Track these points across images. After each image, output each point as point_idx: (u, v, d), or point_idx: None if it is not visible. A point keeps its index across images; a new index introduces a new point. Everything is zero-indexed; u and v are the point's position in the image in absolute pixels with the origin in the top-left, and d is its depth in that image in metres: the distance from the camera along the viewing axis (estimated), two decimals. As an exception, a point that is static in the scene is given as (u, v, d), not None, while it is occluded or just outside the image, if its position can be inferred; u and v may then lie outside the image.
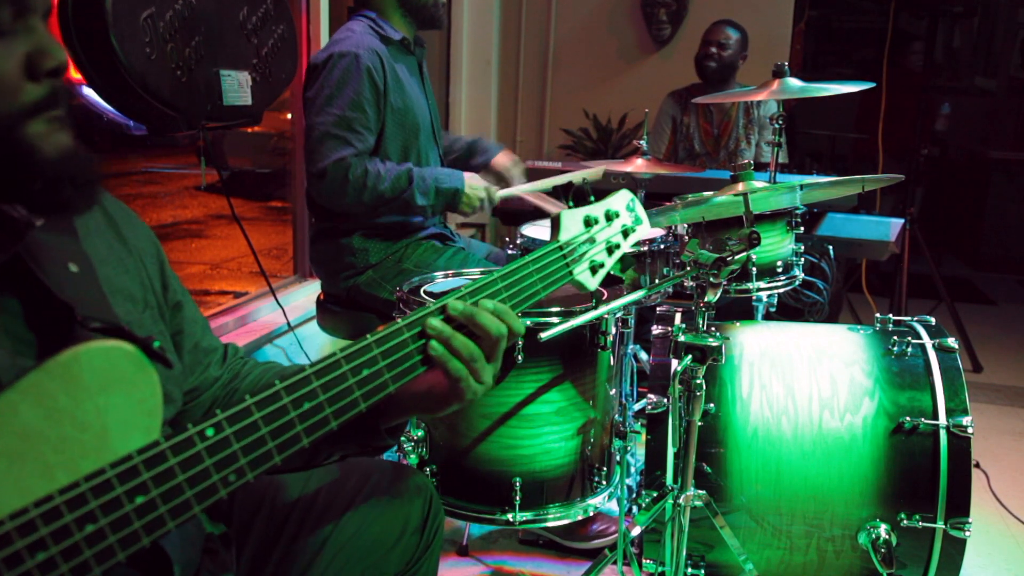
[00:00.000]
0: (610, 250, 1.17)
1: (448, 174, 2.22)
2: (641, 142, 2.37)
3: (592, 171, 2.39)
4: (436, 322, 0.93)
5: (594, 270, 1.15)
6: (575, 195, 1.16)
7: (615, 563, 1.74)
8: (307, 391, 0.83)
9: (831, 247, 2.87)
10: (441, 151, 2.47)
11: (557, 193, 1.24)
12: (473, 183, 2.24)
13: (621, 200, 1.20)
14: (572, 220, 1.13)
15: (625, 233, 1.20)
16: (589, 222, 1.15)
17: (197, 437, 0.74)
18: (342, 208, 2.16)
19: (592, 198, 1.17)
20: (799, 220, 2.10)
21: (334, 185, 2.08)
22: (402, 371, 0.91)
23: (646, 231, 1.24)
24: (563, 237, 1.12)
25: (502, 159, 2.52)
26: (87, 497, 0.68)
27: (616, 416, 1.76)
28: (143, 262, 1.00)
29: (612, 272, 1.23)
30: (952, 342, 1.71)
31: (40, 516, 0.65)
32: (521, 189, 2.38)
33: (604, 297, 1.68)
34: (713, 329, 1.46)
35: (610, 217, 1.18)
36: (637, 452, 2.10)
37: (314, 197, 2.16)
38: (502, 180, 2.51)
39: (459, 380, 0.94)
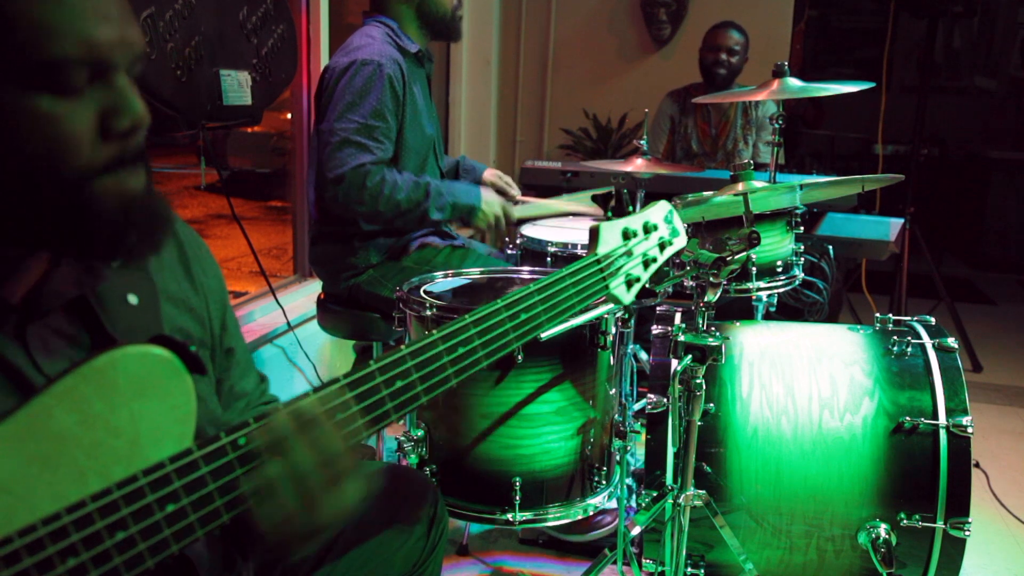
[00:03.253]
0: (646, 263, 1.15)
1: (465, 191, 2.22)
2: (641, 142, 2.38)
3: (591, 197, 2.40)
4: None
5: (629, 284, 1.13)
6: (615, 206, 1.14)
7: (615, 563, 1.74)
8: (340, 402, 0.82)
9: (831, 247, 2.87)
10: (443, 166, 2.47)
11: (598, 202, 1.21)
12: (489, 199, 2.25)
13: (660, 212, 1.18)
14: (611, 232, 1.11)
15: (662, 246, 1.17)
16: (627, 235, 1.12)
17: (229, 447, 0.74)
18: (355, 215, 2.13)
19: (631, 208, 1.15)
20: (799, 220, 2.10)
21: (351, 191, 2.05)
22: (437, 382, 0.91)
23: (683, 243, 1.21)
24: (602, 250, 1.10)
25: (490, 176, 2.54)
26: (119, 504, 0.67)
27: (616, 416, 1.76)
28: (208, 304, 0.99)
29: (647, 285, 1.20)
30: (952, 342, 1.71)
31: (72, 522, 0.65)
32: (537, 209, 2.40)
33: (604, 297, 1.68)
34: (713, 329, 1.46)
35: (648, 230, 1.15)
36: (637, 452, 2.10)
37: (327, 203, 2.11)
38: (502, 194, 2.53)
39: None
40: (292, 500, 0.76)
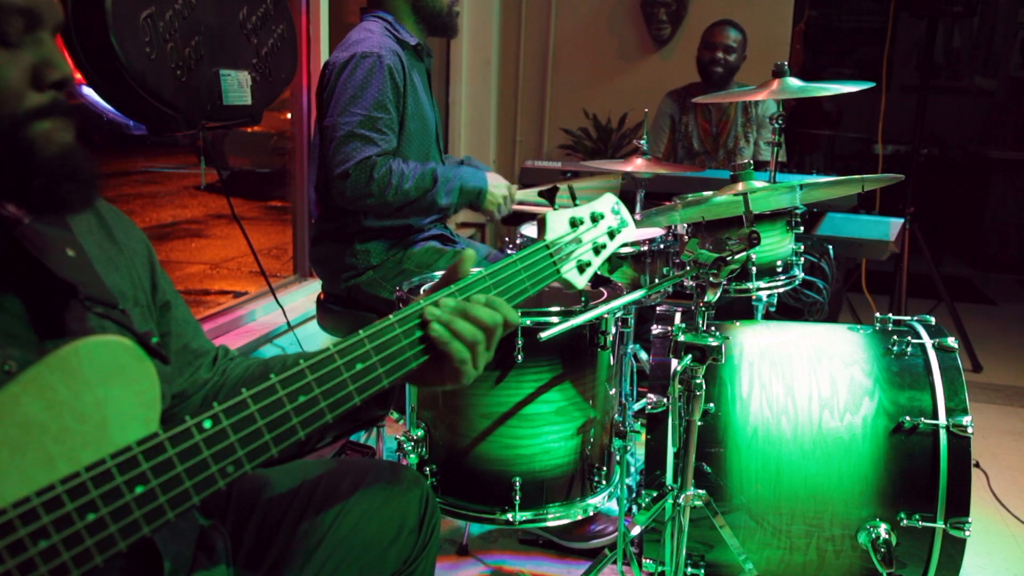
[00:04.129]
0: (596, 250, 1.21)
1: (472, 174, 2.22)
2: (641, 141, 2.38)
3: (608, 181, 2.40)
4: (435, 309, 0.94)
5: (581, 269, 1.19)
6: (559, 198, 1.20)
7: (615, 563, 1.74)
8: (302, 384, 0.84)
9: (831, 247, 2.87)
10: (443, 161, 2.47)
11: (545, 197, 1.28)
12: (496, 182, 2.25)
13: (606, 203, 1.25)
14: (558, 221, 1.17)
15: (611, 234, 1.23)
16: (575, 223, 1.19)
17: (195, 429, 0.76)
18: (365, 208, 2.13)
19: (576, 201, 1.20)
20: (799, 220, 2.10)
21: (359, 185, 2.05)
22: (396, 364, 0.92)
23: (632, 233, 1.28)
24: (549, 236, 1.16)
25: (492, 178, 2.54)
26: (88, 486, 0.69)
27: (616, 416, 1.76)
28: (133, 262, 1.01)
29: (601, 273, 1.25)
30: (952, 342, 1.71)
31: (42, 505, 0.66)
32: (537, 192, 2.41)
33: (603, 297, 1.68)
34: (713, 329, 1.46)
35: (595, 219, 1.21)
36: (637, 452, 2.10)
37: (336, 198, 2.11)
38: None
39: (461, 362, 0.95)
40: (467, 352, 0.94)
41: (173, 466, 0.74)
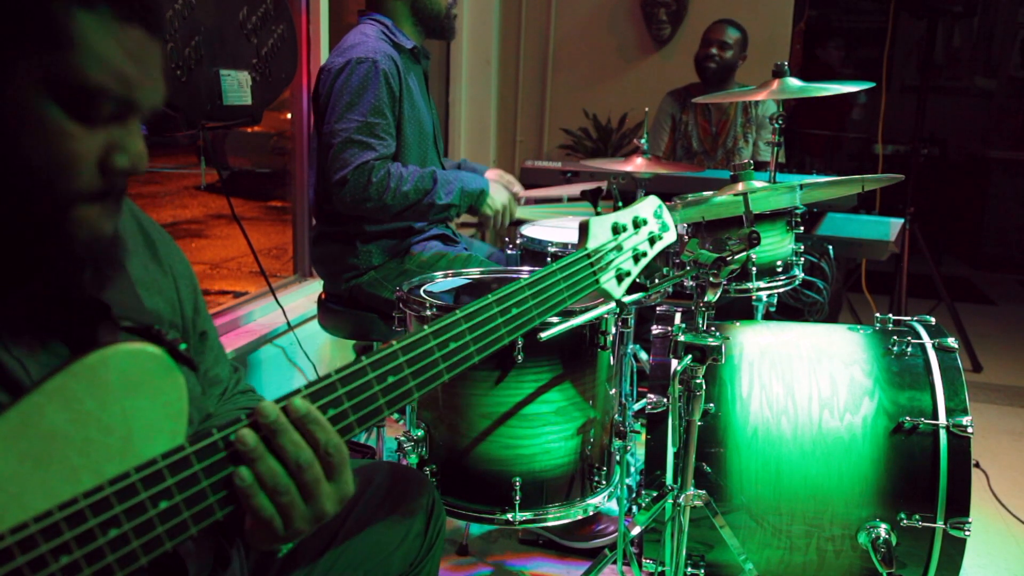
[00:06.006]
0: (636, 258, 1.15)
1: (472, 177, 2.22)
2: (641, 141, 2.37)
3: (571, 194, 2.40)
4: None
5: (620, 278, 1.13)
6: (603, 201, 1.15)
7: (615, 563, 1.74)
8: (332, 398, 0.82)
9: (831, 247, 2.87)
10: (443, 163, 2.47)
11: (586, 197, 1.21)
12: (497, 188, 2.25)
13: (649, 206, 1.19)
14: (600, 227, 1.11)
15: (652, 240, 1.17)
16: (617, 229, 1.13)
17: (222, 443, 0.74)
18: (365, 213, 2.13)
19: (620, 204, 1.16)
20: (799, 220, 2.10)
21: (357, 189, 2.05)
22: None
23: (672, 238, 1.21)
24: (591, 244, 1.10)
25: (493, 176, 2.54)
26: (111, 501, 0.67)
27: (616, 416, 1.76)
28: (176, 284, 1.00)
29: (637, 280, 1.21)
30: (952, 342, 1.71)
31: (64, 519, 0.65)
32: (537, 214, 2.40)
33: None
34: (713, 329, 1.46)
35: (638, 224, 1.16)
36: (637, 452, 2.10)
37: (335, 203, 2.11)
38: None
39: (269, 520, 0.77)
40: (293, 492, 0.77)
41: (198, 481, 0.72)
